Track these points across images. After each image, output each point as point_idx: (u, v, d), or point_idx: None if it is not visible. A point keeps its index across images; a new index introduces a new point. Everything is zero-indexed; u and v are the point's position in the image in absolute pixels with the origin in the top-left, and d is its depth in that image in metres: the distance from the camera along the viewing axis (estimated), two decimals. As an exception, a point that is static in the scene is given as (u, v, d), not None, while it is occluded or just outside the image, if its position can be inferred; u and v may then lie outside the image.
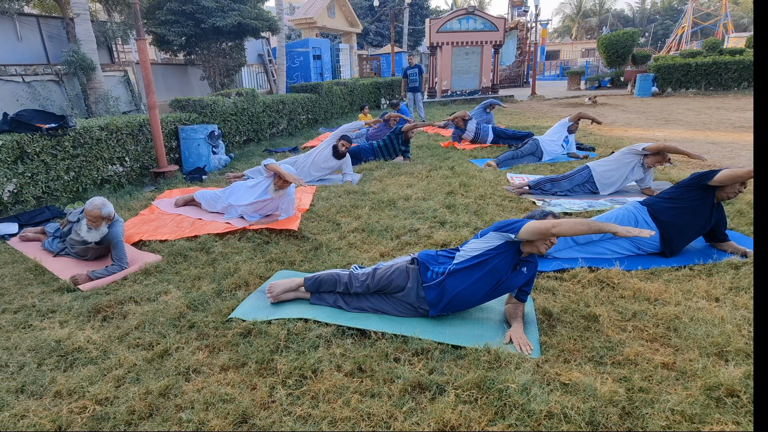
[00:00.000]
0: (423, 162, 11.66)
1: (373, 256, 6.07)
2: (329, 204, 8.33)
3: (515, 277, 4.45)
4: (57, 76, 16.05)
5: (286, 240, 6.77)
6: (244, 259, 6.08)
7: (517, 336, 4.19)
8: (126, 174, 10.29)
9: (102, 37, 19.06)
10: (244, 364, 3.98)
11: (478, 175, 9.89)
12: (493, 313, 4.76)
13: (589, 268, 5.59)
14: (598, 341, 4.15)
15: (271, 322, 4.52)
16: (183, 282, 5.56)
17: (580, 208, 7.73)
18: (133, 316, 4.78)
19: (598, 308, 4.64)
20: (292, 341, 4.23)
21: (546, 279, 5.41)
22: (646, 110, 21.18)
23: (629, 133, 15.21)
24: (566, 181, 8.71)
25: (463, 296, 4.46)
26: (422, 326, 4.43)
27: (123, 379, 3.87)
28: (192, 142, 11.65)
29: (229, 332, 4.40)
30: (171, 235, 6.99)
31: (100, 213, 6.03)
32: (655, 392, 3.51)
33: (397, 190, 8.95)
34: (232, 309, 4.83)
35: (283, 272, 5.71)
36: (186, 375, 3.89)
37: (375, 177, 10.25)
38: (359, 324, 4.45)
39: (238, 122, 14.30)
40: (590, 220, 4.29)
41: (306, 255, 6.23)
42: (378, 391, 3.59)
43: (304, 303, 4.93)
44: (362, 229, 7.03)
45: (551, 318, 4.56)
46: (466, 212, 7.61)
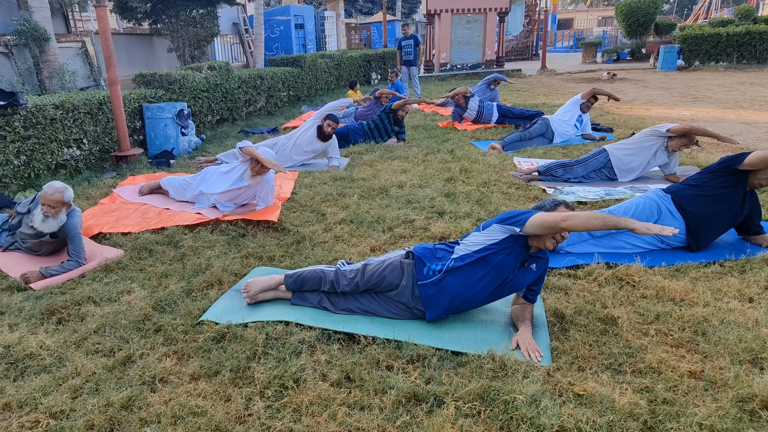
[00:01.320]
0: (419, 144, 11.66)
1: (362, 251, 6.06)
2: (313, 192, 8.33)
3: (523, 275, 4.44)
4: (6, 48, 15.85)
5: (264, 232, 6.76)
6: (216, 255, 6.07)
7: (525, 341, 4.18)
8: (84, 158, 10.22)
9: (57, 4, 18.95)
10: (216, 373, 3.96)
11: (480, 159, 9.89)
12: (498, 315, 4.76)
13: (607, 264, 5.60)
14: (617, 347, 4.15)
15: (247, 326, 4.50)
16: (148, 280, 5.53)
17: (596, 197, 7.74)
18: (91, 319, 4.75)
19: (616, 310, 4.64)
20: (271, 347, 4.22)
21: (558, 277, 5.42)
22: (671, 86, 21.23)
23: (651, 112, 15.24)
24: (580, 167, 8.71)
25: (463, 297, 4.46)
26: (418, 330, 4.42)
27: (80, 389, 3.84)
28: (158, 123, 11.59)
29: (200, 337, 4.38)
30: (134, 227, 6.97)
31: (61, 197, 5.92)
32: (680, 404, 3.51)
33: (390, 177, 8.95)
34: (204, 310, 4.82)
35: (261, 269, 5.70)
36: (151, 385, 3.87)
37: (365, 161, 10.25)
38: (347, 327, 4.44)
39: (211, 100, 14.24)
40: (605, 213, 4.29)
41: (287, 249, 6.22)
42: (368, 404, 3.58)
43: (284, 303, 4.92)
44: (350, 221, 7.03)
45: (564, 321, 4.56)
46: (468, 201, 7.61)
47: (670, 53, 28.44)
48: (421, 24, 46.50)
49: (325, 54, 22.76)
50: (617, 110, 15.51)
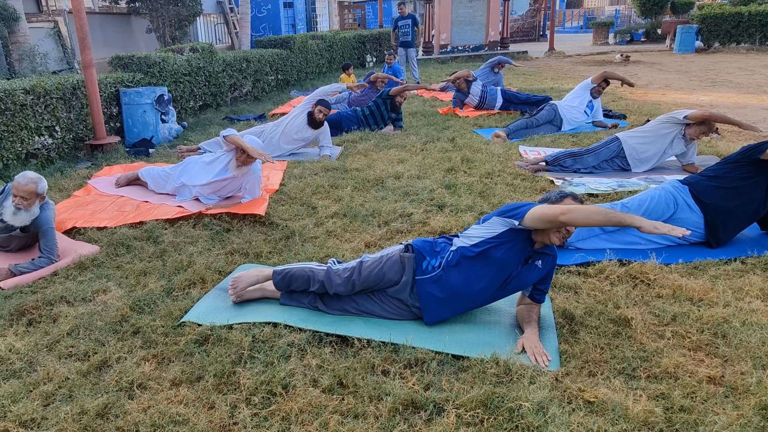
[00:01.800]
0: (417, 132, 11.65)
1: (356, 247, 6.06)
2: (303, 183, 8.32)
3: (528, 272, 4.43)
4: (-29, 28, 15.88)
5: (250, 227, 6.76)
6: (199, 251, 6.06)
7: (532, 344, 4.17)
8: (56, 147, 10.19)
9: (26, -20, 18.91)
10: (199, 378, 3.95)
11: (483, 148, 9.88)
12: (502, 316, 4.76)
13: (620, 261, 5.60)
14: (630, 350, 4.14)
15: (232, 327, 4.49)
16: (125, 278, 5.53)
17: (608, 189, 7.73)
18: (64, 320, 4.73)
19: (630, 310, 4.63)
20: (257, 350, 4.21)
21: (567, 274, 5.41)
22: (689, 69, 21.23)
23: (668, 97, 15.24)
24: (591, 156, 8.71)
25: (463, 295, 4.45)
26: (416, 332, 4.42)
27: (52, 396, 3.83)
28: (136, 109, 11.58)
29: (182, 339, 4.37)
30: (111, 221, 6.94)
31: (35, 189, 5.88)
32: (699, 412, 3.50)
33: (386, 167, 8.95)
34: (185, 311, 4.81)
35: (247, 266, 5.69)
36: (129, 391, 3.85)
37: (359, 150, 10.24)
38: (340, 329, 4.43)
39: (193, 84, 14.22)
40: (609, 209, 4.24)
41: (275, 245, 6.22)
42: (362, 411, 3.57)
43: (272, 303, 4.92)
44: (343, 214, 7.03)
45: (573, 322, 4.55)
46: (470, 193, 7.61)
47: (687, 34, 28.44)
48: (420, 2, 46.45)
49: (316, 35, 22.76)
50: (631, 95, 15.51)
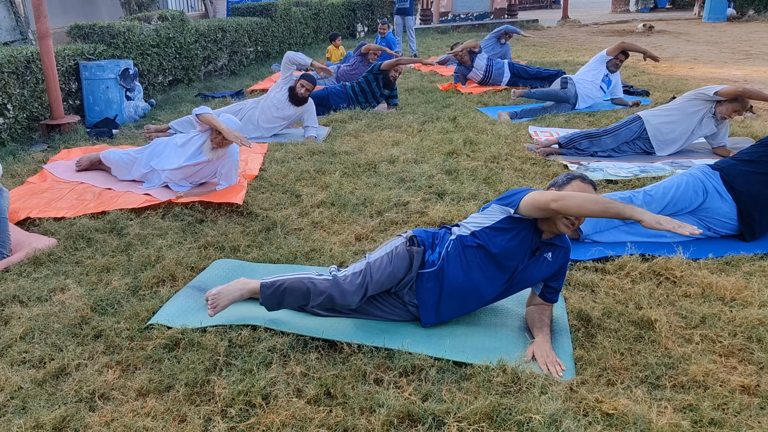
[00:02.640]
0: (414, 111, 11.64)
1: (345, 240, 6.05)
2: (286, 168, 8.32)
3: (536, 266, 4.42)
4: None
5: (226, 218, 6.76)
6: (169, 244, 6.05)
7: (543, 352, 4.16)
8: (8, 127, 10.16)
9: (-27, -61, 18.85)
10: (169, 388, 3.93)
11: (489, 128, 9.88)
12: (510, 318, 4.76)
13: (642, 255, 5.60)
14: (654, 356, 4.14)
15: (206, 330, 4.49)
16: (86, 275, 5.51)
17: (628, 174, 7.72)
18: (17, 322, 4.72)
19: (653, 311, 4.63)
20: (234, 356, 4.20)
21: (582, 271, 5.41)
22: (720, 40, 21.24)
23: (696, 71, 15.24)
24: (610, 137, 8.69)
25: (463, 290, 4.45)
26: (413, 336, 4.41)
27: (4, 407, 3.81)
28: (98, 84, 11.54)
29: (149, 344, 4.36)
30: (70, 210, 6.93)
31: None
32: (731, 426, 3.50)
33: (379, 150, 8.94)
34: (153, 312, 4.80)
35: (223, 262, 5.70)
36: (90, 402, 3.84)
37: (348, 131, 10.23)
38: (327, 333, 4.42)
39: (162, 57, 14.19)
40: (608, 198, 4.20)
41: (254, 238, 6.22)
42: (353, 425, 3.56)
43: (251, 303, 4.88)
44: (331, 203, 7.03)
45: (590, 324, 4.55)
46: (473, 180, 7.60)
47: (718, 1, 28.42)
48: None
49: (300, 1, 22.68)
50: (654, 69, 15.50)
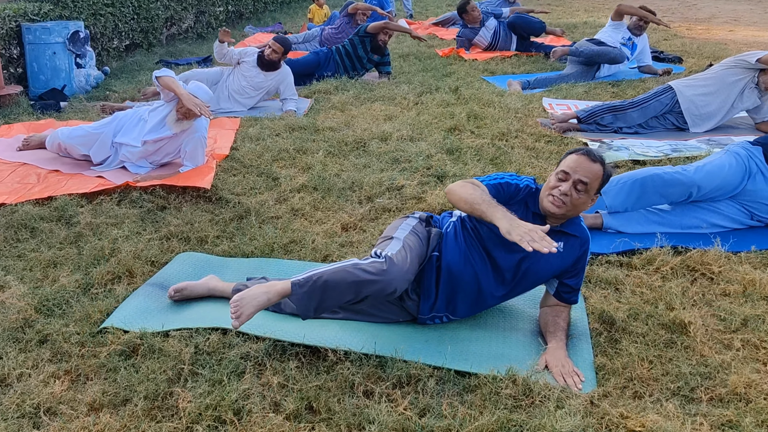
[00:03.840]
0: (410, 81, 11.64)
1: (330, 230, 6.05)
2: (261, 147, 8.31)
3: (543, 256, 4.28)
4: None
5: (192, 204, 6.75)
6: (126, 235, 6.03)
7: (558, 362, 4.15)
8: (-63, 99, 10.11)
9: None
10: (126, 402, 3.92)
11: (496, 101, 9.88)
12: (521, 320, 4.76)
13: (674, 248, 5.60)
14: (688, 365, 4.14)
15: (168, 335, 4.47)
16: (29, 271, 5.49)
17: (658, 153, 7.72)
18: (-52, 326, 4.72)
19: (687, 312, 4.63)
20: (202, 365, 4.18)
21: (605, 265, 5.41)
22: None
23: (736, 34, 15.24)
24: (637, 111, 8.67)
25: (464, 281, 4.46)
26: (409, 341, 4.41)
27: (-68, 425, 3.82)
28: (44, 50, 11.46)
29: (103, 350, 4.33)
30: (10, 196, 6.91)
31: None
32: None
33: (369, 126, 8.93)
34: (108, 313, 4.78)
35: (188, 255, 5.69)
36: (34, 418, 3.82)
37: (333, 104, 10.22)
38: (309, 338, 4.39)
39: (117, 18, 14.12)
40: (485, 195, 4.25)
41: (224, 228, 6.21)
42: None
43: (221, 303, 4.90)
44: (313, 187, 7.02)
45: (613, 328, 4.55)
46: (478, 160, 7.60)
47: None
48: None
49: (278, -47, 22.65)
50: (688, 32, 15.51)
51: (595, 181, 4.21)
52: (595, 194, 4.29)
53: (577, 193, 4.21)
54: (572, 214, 4.35)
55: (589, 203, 4.32)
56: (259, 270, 5.40)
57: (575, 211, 4.32)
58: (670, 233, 5.82)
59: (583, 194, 4.22)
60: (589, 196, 4.25)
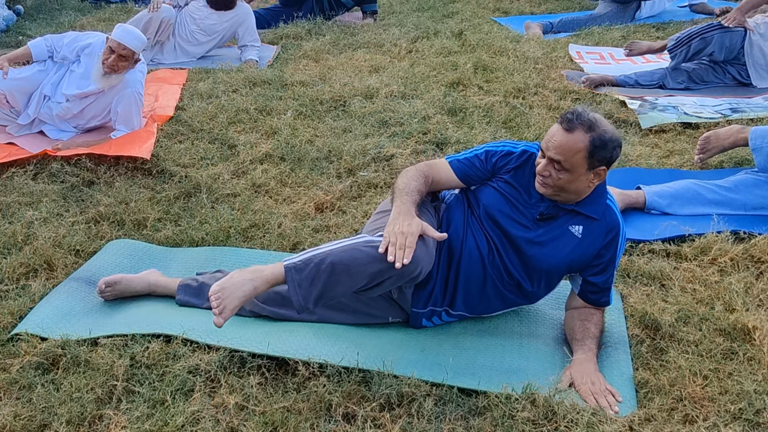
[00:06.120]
0: (402, 23, 11.64)
1: (301, 210, 6.04)
2: (214, 107, 8.31)
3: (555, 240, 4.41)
4: None
5: (127, 178, 6.73)
6: (44, 217, 6.01)
7: (587, 378, 4.13)
8: None
9: None
10: (44, 427, 3.91)
11: (510, 48, 9.88)
12: (542, 325, 4.76)
13: (735, 233, 5.61)
14: (753, 380, 4.13)
15: (98, 343, 4.46)
16: None
17: (715, 115, 7.72)
18: None
19: (752, 315, 4.63)
20: (140, 381, 4.17)
21: (648, 255, 5.42)
22: None
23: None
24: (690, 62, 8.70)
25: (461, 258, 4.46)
26: (400, 350, 4.40)
27: None
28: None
29: (15, 362, 4.33)
30: None
31: None
32: None
33: (351, 80, 8.92)
34: (21, 317, 4.77)
35: (122, 243, 5.68)
36: (-73, 449, 3.84)
37: (306, 52, 10.22)
38: (274, 347, 4.35)
39: (32, -60, 14.03)
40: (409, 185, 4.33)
41: (167, 208, 6.21)
42: (312, 482, 3.58)
43: (164, 302, 4.91)
44: (279, 157, 7.03)
45: (658, 335, 4.55)
46: (488, 123, 7.60)
47: None
48: None
49: None
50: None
51: (573, 156, 4.11)
52: (591, 170, 4.17)
53: (556, 173, 4.16)
54: (573, 196, 4.29)
55: (585, 180, 4.22)
56: (211, 261, 5.39)
57: (571, 191, 4.26)
58: (731, 215, 5.81)
59: (565, 173, 4.15)
60: (576, 173, 4.15)
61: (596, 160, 4.12)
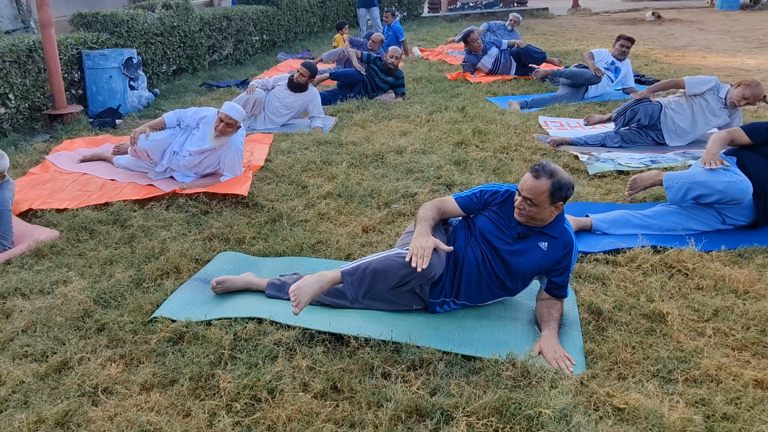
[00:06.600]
0: (422, 101, 11.63)
1: (352, 231, 6.04)
2: (292, 159, 8.30)
3: (527, 251, 4.52)
4: None
5: (231, 209, 6.75)
6: (173, 236, 6.04)
7: (551, 348, 4.17)
8: (10, 117, 10.16)
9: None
10: (173, 382, 3.94)
11: (498, 119, 9.86)
12: (520, 311, 4.76)
13: (654, 247, 5.58)
14: (666, 350, 4.13)
15: (210, 324, 4.48)
16: (89, 267, 5.51)
17: (640, 165, 7.77)
18: (19, 315, 4.72)
19: (665, 304, 4.62)
20: (240, 350, 4.20)
21: (593, 263, 5.40)
22: (733, 29, 21.19)
23: (709, 60, 15.19)
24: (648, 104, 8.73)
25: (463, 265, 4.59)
26: (421, 329, 4.41)
27: (6, 402, 3.81)
28: (101, 74, 11.51)
29: (153, 337, 4.35)
30: (72, 202, 6.93)
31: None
32: (744, 420, 3.48)
33: (387, 140, 8.92)
34: (157, 305, 4.80)
35: (228, 254, 5.69)
36: (93, 396, 3.84)
37: (355, 121, 10.22)
38: (334, 326, 4.41)
39: (166, 46, 14.18)
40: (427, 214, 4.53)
41: (259, 230, 6.21)
42: (360, 419, 3.56)
43: (257, 296, 4.92)
44: (337, 194, 7.02)
45: (600, 317, 4.54)
46: (482, 170, 7.58)
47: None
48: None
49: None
50: (666, 58, 15.45)
51: (539, 196, 4.27)
52: (552, 204, 4.33)
53: (528, 207, 4.34)
54: (540, 222, 4.43)
55: (548, 211, 4.37)
56: (290, 267, 5.41)
57: (539, 219, 4.41)
58: (651, 235, 5.85)
59: (534, 207, 4.32)
60: (542, 207, 4.32)
61: (556, 198, 4.30)
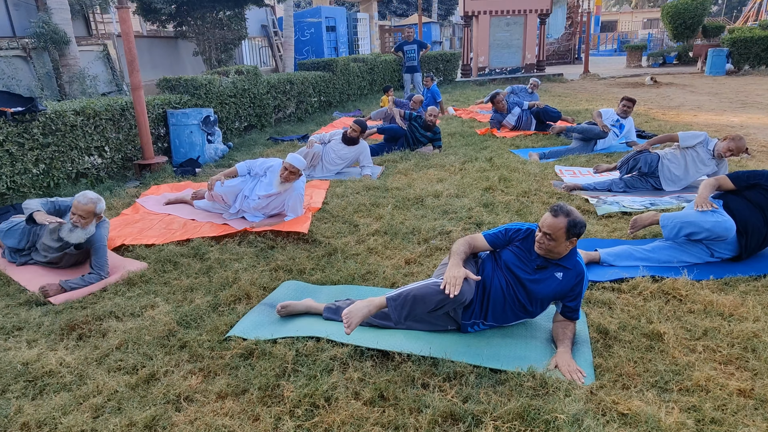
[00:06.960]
0: (456, 152, 11.65)
1: (396, 264, 6.08)
2: (345, 202, 8.36)
3: (545, 280, 4.55)
4: (24, 51, 15.83)
5: (293, 244, 6.80)
6: (244, 267, 6.10)
7: (565, 363, 4.19)
8: (105, 166, 10.33)
9: (77, 6, 19.02)
10: (244, 391, 3.98)
11: (520, 167, 9.87)
12: (539, 331, 4.76)
13: (652, 277, 5.57)
14: (663, 364, 4.13)
15: (276, 342, 4.53)
16: (173, 294, 5.58)
17: (641, 207, 7.76)
18: (113, 335, 4.79)
19: (662, 325, 4.61)
20: (301, 364, 4.24)
21: (601, 290, 5.39)
22: (720, 91, 21.03)
23: (699, 118, 15.10)
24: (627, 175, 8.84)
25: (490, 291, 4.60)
26: (455, 346, 4.43)
27: (102, 408, 3.87)
28: (183, 129, 11.70)
29: (227, 353, 4.41)
30: (158, 238, 7.04)
31: (93, 208, 5.99)
32: (729, 424, 3.48)
33: (425, 186, 8.96)
34: (231, 326, 4.84)
35: (291, 283, 5.73)
36: (176, 404, 3.90)
37: (399, 170, 10.27)
38: (381, 344, 4.44)
39: (238, 105, 14.35)
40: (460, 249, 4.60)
41: (317, 262, 6.25)
42: (403, 423, 3.58)
43: (315, 318, 4.96)
44: (384, 232, 7.05)
45: (607, 336, 4.54)
46: (507, 212, 7.60)
47: (718, 57, 28.16)
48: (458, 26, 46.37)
49: (357, 57, 22.73)
50: (663, 116, 15.40)
51: (557, 232, 4.34)
52: (567, 239, 4.39)
53: (547, 241, 4.40)
54: (556, 254, 4.47)
55: (564, 245, 4.42)
56: (343, 294, 5.44)
57: (555, 252, 4.45)
58: (650, 266, 5.86)
59: (552, 242, 4.38)
60: (559, 242, 4.38)
61: (571, 234, 4.36)
